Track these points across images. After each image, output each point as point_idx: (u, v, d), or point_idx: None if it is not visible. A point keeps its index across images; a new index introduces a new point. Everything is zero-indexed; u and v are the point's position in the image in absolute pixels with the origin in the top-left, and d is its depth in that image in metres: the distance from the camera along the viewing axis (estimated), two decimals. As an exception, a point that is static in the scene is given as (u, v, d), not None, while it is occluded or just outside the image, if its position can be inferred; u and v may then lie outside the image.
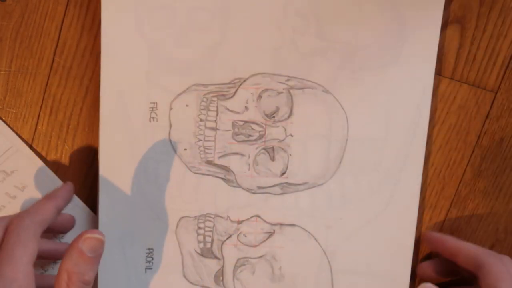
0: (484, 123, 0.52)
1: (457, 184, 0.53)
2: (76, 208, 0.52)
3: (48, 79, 0.52)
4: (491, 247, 0.54)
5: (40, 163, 0.52)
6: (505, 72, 0.51)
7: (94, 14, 0.51)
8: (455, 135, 0.53)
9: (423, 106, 0.50)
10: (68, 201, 0.49)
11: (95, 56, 0.51)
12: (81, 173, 0.53)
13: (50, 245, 0.50)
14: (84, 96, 0.52)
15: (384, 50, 0.50)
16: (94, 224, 0.52)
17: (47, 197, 0.47)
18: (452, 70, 0.52)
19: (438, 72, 0.51)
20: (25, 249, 0.40)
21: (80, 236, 0.41)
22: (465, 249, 0.49)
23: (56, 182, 0.52)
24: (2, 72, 0.52)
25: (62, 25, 0.51)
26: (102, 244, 0.42)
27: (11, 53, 0.52)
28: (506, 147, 0.53)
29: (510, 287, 0.46)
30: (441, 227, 0.54)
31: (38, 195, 0.52)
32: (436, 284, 0.45)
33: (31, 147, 0.52)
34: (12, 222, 0.42)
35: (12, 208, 0.52)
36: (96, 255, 0.41)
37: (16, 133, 0.52)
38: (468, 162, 0.53)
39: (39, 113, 0.52)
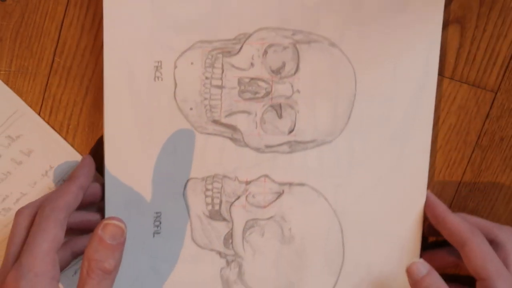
0: (484, 123, 0.52)
1: (457, 184, 0.53)
2: None
3: (48, 79, 0.51)
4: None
5: (46, 126, 0.51)
6: (505, 72, 0.51)
7: (94, 14, 0.51)
8: (455, 135, 0.52)
9: (432, 59, 0.50)
10: (90, 177, 0.48)
11: (95, 56, 0.51)
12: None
13: (83, 217, 0.49)
14: (84, 96, 0.51)
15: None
16: (101, 187, 0.51)
17: (69, 178, 0.47)
18: (452, 70, 0.51)
19: (438, 72, 0.50)
20: (45, 236, 0.40)
21: (100, 222, 0.41)
22: (450, 222, 0.48)
23: (63, 145, 0.51)
24: (2, 72, 0.51)
25: (62, 25, 0.51)
26: (123, 232, 0.41)
27: (11, 53, 0.51)
28: (506, 147, 0.52)
29: (493, 270, 0.45)
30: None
31: (44, 160, 0.51)
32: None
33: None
34: (38, 210, 0.42)
35: (18, 174, 0.51)
36: (118, 243, 0.41)
37: (20, 97, 0.51)
38: (468, 162, 0.53)
39: (39, 113, 0.52)
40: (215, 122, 0.50)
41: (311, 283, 0.52)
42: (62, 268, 0.45)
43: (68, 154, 0.51)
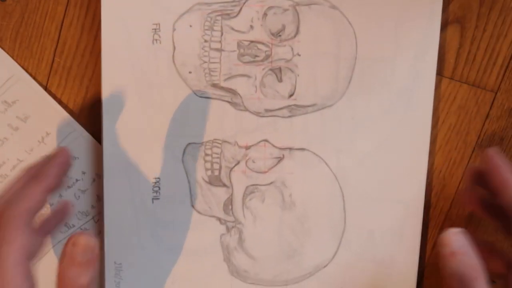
0: (484, 123, 0.51)
1: (457, 184, 0.52)
2: (80, 138, 0.51)
3: (48, 79, 0.51)
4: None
5: (42, 92, 0.51)
6: (505, 72, 0.51)
7: (94, 14, 0.50)
8: (455, 135, 0.52)
9: (433, 17, 0.49)
10: (61, 177, 0.42)
11: (95, 56, 0.51)
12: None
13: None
14: (84, 96, 0.51)
15: None
16: (98, 154, 0.51)
17: (35, 177, 0.40)
18: (452, 70, 0.51)
19: (438, 72, 0.50)
20: (11, 246, 0.36)
21: (69, 239, 0.38)
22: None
23: (60, 112, 0.51)
24: (2, 73, 0.51)
25: (62, 25, 0.51)
26: (94, 246, 0.38)
27: (11, 53, 0.51)
28: (506, 147, 0.52)
29: None
30: (441, 227, 0.53)
31: (41, 126, 0.50)
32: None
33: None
34: None
35: (15, 140, 0.50)
36: (90, 259, 0.38)
37: (18, 63, 0.51)
38: (468, 162, 0.52)
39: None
40: (215, 85, 0.49)
41: (313, 249, 0.51)
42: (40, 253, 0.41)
43: (64, 121, 0.51)
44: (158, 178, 0.50)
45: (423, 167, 0.51)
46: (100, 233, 0.51)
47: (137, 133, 0.49)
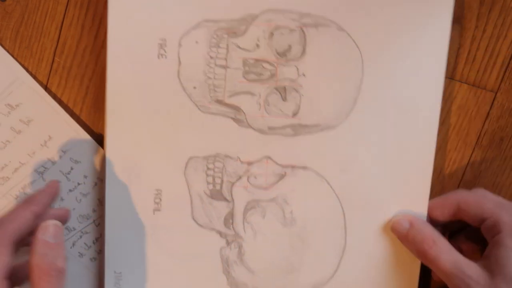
0: (484, 123, 0.51)
1: (457, 184, 0.52)
2: (83, 142, 0.51)
3: (48, 79, 0.51)
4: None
5: (45, 95, 0.51)
6: (505, 72, 0.51)
7: (94, 14, 0.50)
8: (455, 135, 0.52)
9: (440, 40, 0.49)
10: (48, 205, 0.46)
11: (95, 56, 0.51)
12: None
13: None
14: (84, 96, 0.51)
15: None
16: (101, 158, 0.51)
17: (24, 202, 0.44)
18: (452, 70, 0.51)
19: None
20: None
21: (38, 228, 0.41)
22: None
23: (63, 116, 0.51)
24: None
25: (62, 25, 0.51)
26: (62, 229, 0.42)
27: (11, 53, 0.51)
28: (506, 147, 0.52)
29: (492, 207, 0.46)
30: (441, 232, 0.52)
31: (44, 130, 0.51)
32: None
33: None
34: None
35: (18, 143, 0.51)
36: (61, 241, 0.41)
37: (22, 65, 0.51)
38: (468, 162, 0.52)
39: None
40: (219, 102, 0.49)
41: (312, 266, 0.52)
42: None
43: (67, 125, 0.51)
44: (160, 189, 0.50)
45: (425, 189, 0.50)
46: (100, 236, 0.52)
47: (140, 145, 0.50)
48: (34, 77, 0.51)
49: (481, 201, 0.47)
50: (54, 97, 0.51)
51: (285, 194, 0.51)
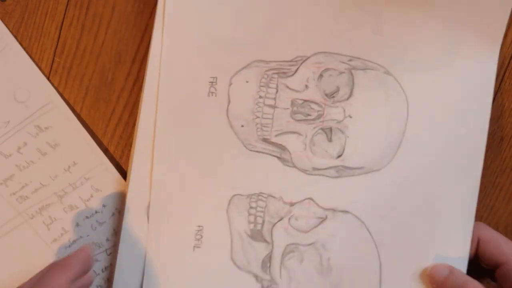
0: None
1: None
2: (106, 172, 0.52)
3: (48, 79, 0.52)
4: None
5: (77, 123, 0.51)
6: (505, 72, 0.51)
7: (94, 14, 0.51)
8: None
9: (486, 88, 0.49)
10: (84, 272, 0.44)
11: (95, 56, 0.52)
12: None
13: None
14: (84, 96, 0.52)
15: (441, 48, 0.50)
16: (121, 190, 0.51)
17: (60, 265, 0.43)
18: None
19: None
20: None
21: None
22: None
23: (90, 144, 0.51)
24: (2, 72, 0.52)
25: (62, 25, 0.51)
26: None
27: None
28: (506, 147, 0.52)
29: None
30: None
31: (69, 155, 0.51)
32: None
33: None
34: None
35: (42, 165, 0.51)
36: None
37: (57, 90, 0.52)
38: None
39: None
40: (265, 140, 0.50)
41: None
42: None
43: (94, 154, 0.52)
44: (201, 226, 0.50)
45: (466, 241, 0.49)
46: (111, 265, 0.52)
47: (184, 180, 0.50)
48: (68, 103, 0.51)
49: (498, 242, 0.47)
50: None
51: (325, 239, 0.50)
